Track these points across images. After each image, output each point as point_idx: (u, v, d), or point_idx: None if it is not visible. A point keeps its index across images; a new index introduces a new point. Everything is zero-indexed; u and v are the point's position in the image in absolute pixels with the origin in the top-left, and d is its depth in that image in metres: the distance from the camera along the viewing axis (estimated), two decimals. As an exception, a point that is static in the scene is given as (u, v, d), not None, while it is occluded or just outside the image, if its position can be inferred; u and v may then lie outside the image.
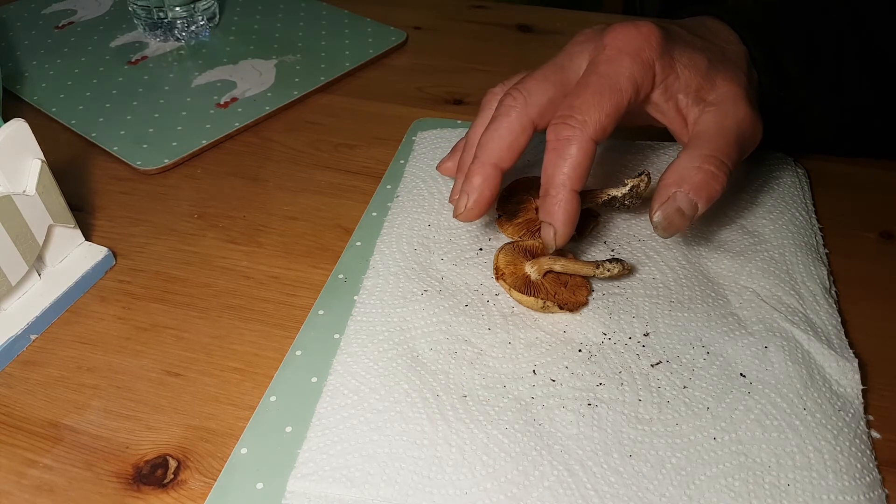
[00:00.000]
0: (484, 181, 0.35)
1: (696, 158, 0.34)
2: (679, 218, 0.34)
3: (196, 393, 0.34)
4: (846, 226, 0.43)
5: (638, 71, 0.35)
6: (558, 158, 0.34)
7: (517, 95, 0.36)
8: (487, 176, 0.35)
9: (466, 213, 0.36)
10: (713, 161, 0.34)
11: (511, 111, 0.36)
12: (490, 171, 0.35)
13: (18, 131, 0.35)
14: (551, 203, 0.34)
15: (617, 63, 0.35)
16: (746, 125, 0.36)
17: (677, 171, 0.35)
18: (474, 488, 0.29)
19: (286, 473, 0.30)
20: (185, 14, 0.59)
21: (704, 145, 0.35)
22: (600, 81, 0.34)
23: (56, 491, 0.31)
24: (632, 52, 0.35)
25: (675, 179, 0.34)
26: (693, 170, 0.34)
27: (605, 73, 0.34)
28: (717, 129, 0.35)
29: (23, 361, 0.36)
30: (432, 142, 0.48)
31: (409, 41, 0.61)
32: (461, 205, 0.36)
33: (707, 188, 0.34)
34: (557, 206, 0.34)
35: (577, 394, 0.33)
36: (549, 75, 0.36)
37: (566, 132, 0.34)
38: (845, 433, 0.31)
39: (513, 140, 0.35)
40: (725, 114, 0.36)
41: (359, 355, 0.34)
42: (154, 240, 0.42)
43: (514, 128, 0.35)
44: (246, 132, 0.51)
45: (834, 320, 0.36)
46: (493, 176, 0.36)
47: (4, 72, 0.55)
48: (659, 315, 0.36)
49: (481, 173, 0.35)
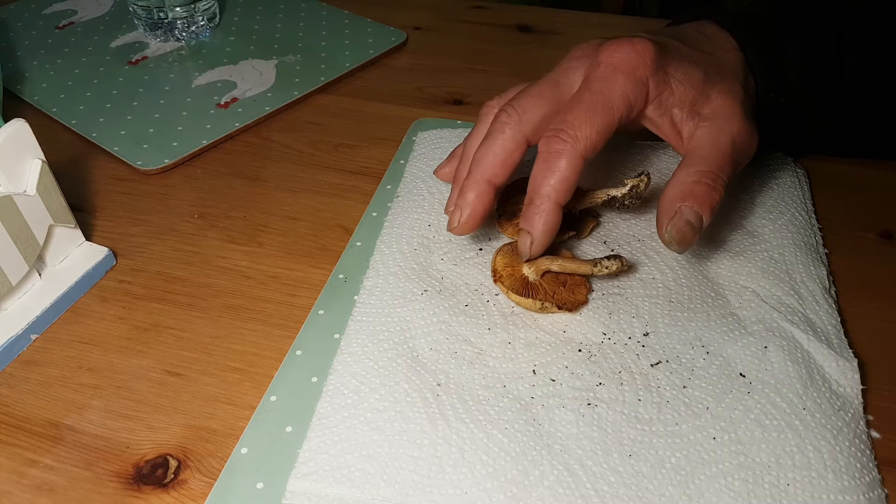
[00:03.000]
0: (477, 197, 0.36)
1: (693, 175, 0.35)
2: (690, 231, 0.35)
3: (196, 393, 0.34)
4: (846, 226, 0.43)
5: (631, 89, 0.35)
6: (547, 170, 0.34)
7: (512, 112, 0.36)
8: (481, 192, 0.36)
9: (460, 228, 0.37)
10: (709, 176, 0.35)
11: (506, 128, 0.36)
12: (484, 188, 0.36)
13: (19, 131, 0.35)
14: (533, 212, 0.35)
15: (611, 81, 0.35)
16: (741, 139, 0.36)
17: (677, 186, 0.35)
18: (474, 488, 0.29)
19: (286, 473, 0.30)
20: (186, 14, 0.59)
21: (700, 162, 0.35)
22: (593, 99, 0.35)
23: (56, 491, 0.31)
24: (626, 69, 0.35)
25: (678, 195, 0.35)
26: (690, 185, 0.35)
27: (598, 90, 0.35)
28: (712, 145, 0.36)
29: (23, 361, 0.36)
30: (432, 142, 0.48)
31: (409, 41, 0.61)
32: (455, 219, 0.37)
33: (709, 200, 0.35)
34: (539, 217, 0.35)
35: (576, 393, 0.33)
36: (544, 92, 0.37)
37: (557, 145, 0.34)
38: (845, 433, 0.31)
39: (506, 157, 0.36)
40: (720, 129, 0.36)
41: (359, 355, 0.34)
42: (154, 240, 0.43)
43: (508, 145, 0.36)
44: (246, 132, 0.51)
45: (833, 320, 0.36)
46: (486, 192, 0.36)
47: (5, 72, 0.55)
48: (659, 315, 0.36)
49: (475, 189, 0.36)
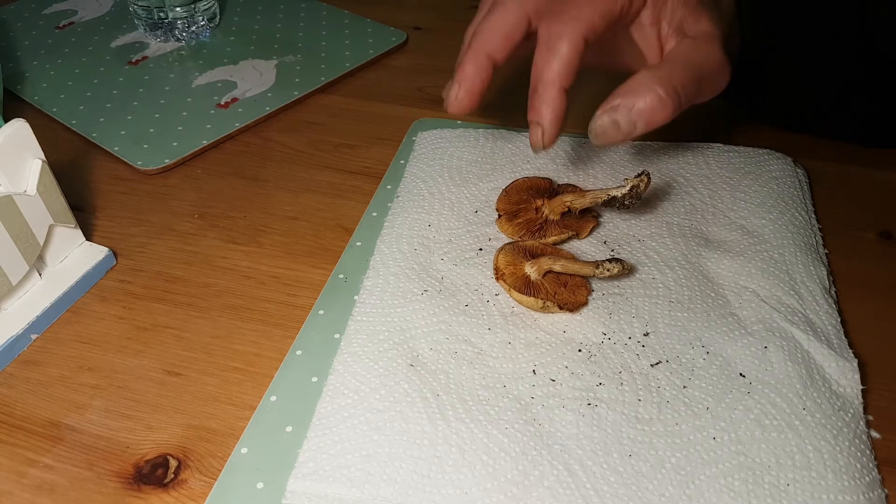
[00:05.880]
0: (476, 71, 0.34)
1: (653, 79, 0.34)
2: (614, 131, 0.34)
3: (196, 393, 0.34)
4: (846, 226, 0.43)
5: None
6: (549, 54, 0.33)
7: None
8: (480, 65, 0.34)
9: (457, 104, 0.35)
10: (668, 86, 0.34)
11: (508, 3, 0.35)
12: (483, 61, 0.34)
13: (19, 131, 0.35)
14: (539, 101, 0.33)
15: None
16: (712, 65, 0.36)
17: (631, 84, 0.34)
18: (474, 488, 0.29)
19: (286, 473, 0.30)
20: (186, 14, 0.59)
21: (666, 70, 0.35)
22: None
23: (56, 490, 0.31)
24: None
25: (625, 92, 0.34)
26: (645, 89, 0.34)
27: None
28: (684, 60, 0.35)
29: (23, 361, 0.36)
30: (432, 142, 0.48)
31: (409, 41, 0.61)
32: (452, 94, 0.35)
33: (651, 112, 0.34)
34: (546, 105, 0.33)
35: (576, 394, 0.33)
36: None
37: (557, 27, 0.33)
38: (845, 433, 0.31)
39: (508, 31, 0.34)
40: (697, 48, 0.36)
41: (359, 355, 0.34)
42: (155, 240, 0.43)
43: (510, 19, 0.34)
44: (246, 132, 0.51)
45: (833, 320, 0.36)
46: (485, 66, 0.34)
47: (5, 72, 0.55)
48: (659, 315, 0.36)
49: (474, 62, 0.34)
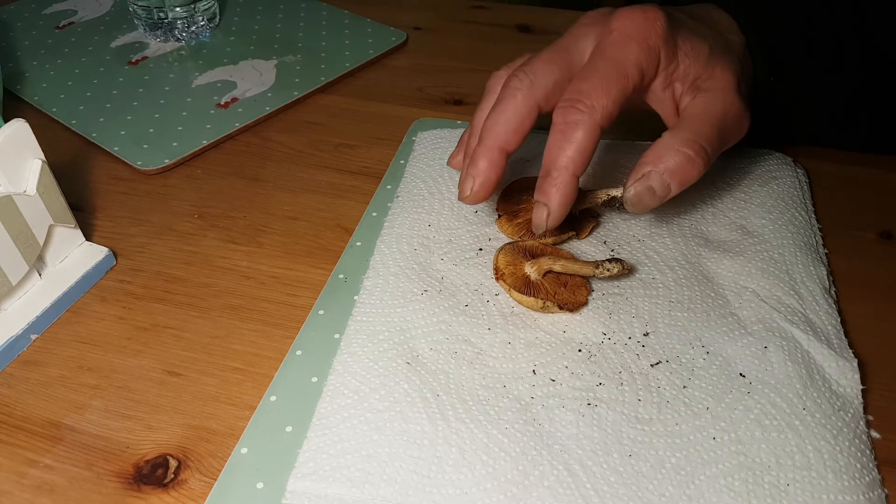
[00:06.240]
0: (490, 165, 0.35)
1: (678, 141, 0.35)
2: (649, 197, 0.35)
3: (196, 393, 0.34)
4: (846, 226, 0.43)
5: (644, 57, 0.35)
6: (564, 141, 0.34)
7: (523, 77, 0.35)
8: (493, 160, 0.35)
9: (473, 197, 0.36)
10: (693, 145, 0.34)
11: (517, 93, 0.35)
12: (496, 156, 0.35)
13: (19, 131, 0.35)
14: (550, 184, 0.34)
15: (625, 48, 0.34)
16: (732, 114, 0.36)
17: (657, 150, 0.35)
18: (474, 488, 0.29)
19: (286, 473, 0.30)
20: (186, 14, 0.59)
21: (688, 129, 0.35)
22: (608, 67, 0.34)
23: (56, 491, 0.31)
24: (639, 37, 0.35)
25: (653, 158, 0.35)
26: (672, 151, 0.34)
27: (612, 58, 0.34)
28: (703, 115, 0.35)
29: (23, 361, 0.36)
30: (432, 142, 0.48)
31: (409, 41, 0.61)
32: (466, 188, 0.36)
33: (682, 172, 0.34)
34: (556, 189, 0.34)
35: (576, 394, 0.33)
36: (555, 58, 0.36)
37: (574, 115, 0.33)
38: (845, 433, 0.31)
39: (518, 123, 0.35)
40: (714, 101, 0.36)
41: (359, 355, 0.34)
42: (154, 240, 0.43)
43: (520, 110, 0.35)
44: (246, 132, 0.51)
45: (833, 320, 0.36)
46: (498, 160, 0.35)
47: (5, 72, 0.55)
48: (659, 315, 0.36)
49: (487, 157, 0.35)
